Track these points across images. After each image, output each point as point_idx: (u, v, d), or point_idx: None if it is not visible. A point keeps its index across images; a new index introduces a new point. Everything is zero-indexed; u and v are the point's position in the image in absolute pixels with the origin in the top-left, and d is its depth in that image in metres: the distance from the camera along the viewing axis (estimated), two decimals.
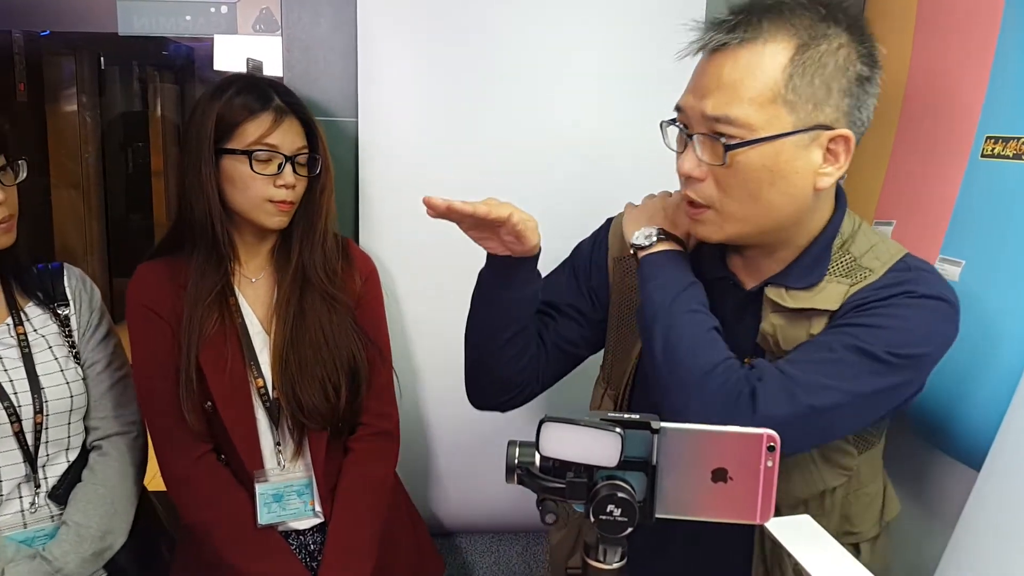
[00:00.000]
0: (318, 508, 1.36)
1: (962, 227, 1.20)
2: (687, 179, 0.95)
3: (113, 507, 1.29)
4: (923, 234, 1.26)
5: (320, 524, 1.37)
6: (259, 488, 1.31)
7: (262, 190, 1.26)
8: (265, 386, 1.32)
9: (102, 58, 5.14)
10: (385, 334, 1.43)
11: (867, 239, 1.00)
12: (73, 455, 1.31)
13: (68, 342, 1.31)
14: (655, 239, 1.03)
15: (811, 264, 0.98)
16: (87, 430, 1.34)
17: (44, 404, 1.25)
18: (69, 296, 1.33)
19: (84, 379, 1.31)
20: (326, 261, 1.34)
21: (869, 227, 1.02)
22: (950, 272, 1.19)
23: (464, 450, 1.66)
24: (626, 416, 0.71)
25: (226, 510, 1.30)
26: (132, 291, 1.31)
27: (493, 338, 1.10)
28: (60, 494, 1.28)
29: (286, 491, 1.34)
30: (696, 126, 0.92)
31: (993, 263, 1.14)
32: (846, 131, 0.90)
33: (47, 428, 1.26)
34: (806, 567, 0.81)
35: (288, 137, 1.26)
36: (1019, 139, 1.12)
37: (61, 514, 1.28)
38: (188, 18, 1.65)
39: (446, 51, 1.52)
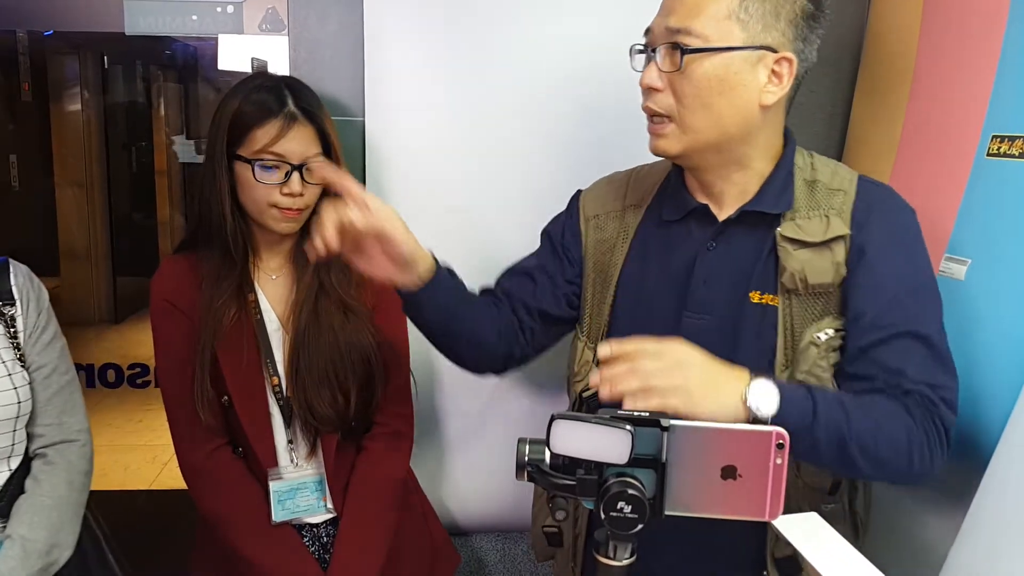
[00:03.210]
0: (330, 505, 1.37)
1: (968, 226, 1.20)
2: (648, 90, 1.04)
3: (60, 519, 1.22)
4: (929, 233, 1.25)
5: (333, 518, 1.38)
6: (273, 486, 1.32)
7: (268, 196, 1.25)
8: (279, 384, 1.32)
9: (105, 57, 5.15)
10: (404, 335, 1.42)
11: (826, 167, 1.10)
12: (15, 463, 1.24)
13: (14, 344, 1.22)
14: (768, 391, 0.90)
15: (780, 189, 1.06)
16: (30, 437, 1.26)
17: None
18: (16, 295, 1.23)
19: (30, 384, 1.23)
20: (343, 268, 1.32)
21: (820, 156, 1.12)
22: (956, 271, 1.19)
23: (479, 448, 1.67)
24: (636, 414, 0.72)
25: (239, 503, 1.31)
26: (155, 285, 1.33)
27: (444, 334, 1.17)
28: (3, 506, 1.20)
29: (299, 488, 1.35)
30: (659, 40, 1.02)
31: (999, 262, 1.15)
32: (790, 53, 1.00)
33: None
34: (813, 564, 0.82)
35: (296, 145, 1.24)
36: None
37: (2, 528, 1.20)
38: (194, 18, 1.66)
39: (453, 50, 1.52)
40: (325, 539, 1.38)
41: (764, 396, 0.89)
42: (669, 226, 1.13)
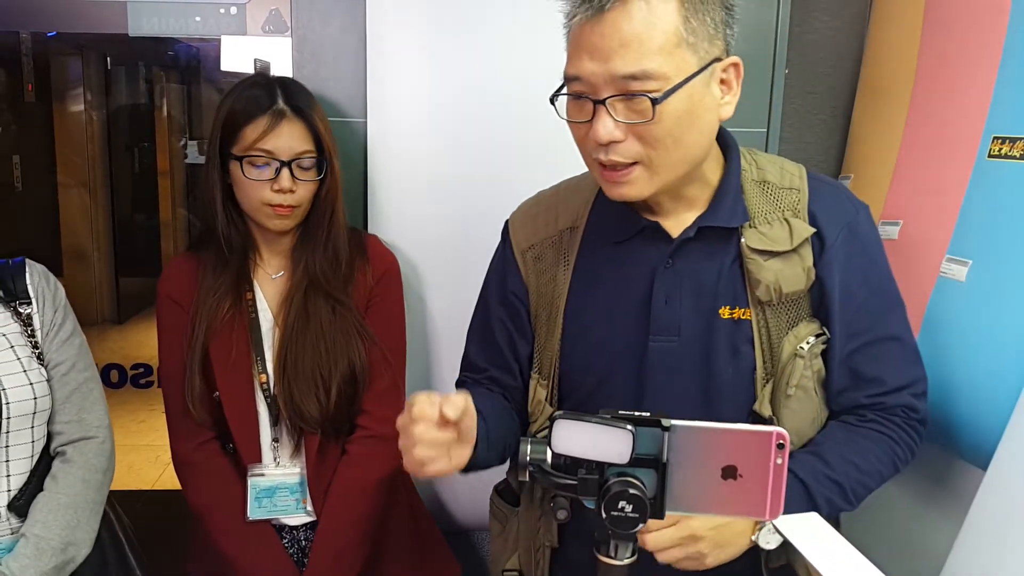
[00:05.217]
0: (310, 507, 1.36)
1: (969, 227, 1.20)
2: (607, 145, 0.93)
3: (76, 517, 1.22)
4: (930, 234, 1.27)
5: (313, 522, 1.38)
6: (251, 482, 1.33)
7: (259, 194, 1.25)
8: (267, 382, 1.33)
9: (109, 58, 5.16)
10: (399, 335, 1.41)
11: (772, 164, 1.05)
12: (35, 461, 1.25)
13: (31, 342, 1.24)
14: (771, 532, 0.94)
15: (733, 199, 1.01)
16: (50, 435, 1.27)
17: (6, 406, 1.18)
18: (31, 294, 1.26)
19: (48, 380, 1.25)
20: (332, 262, 1.33)
21: (760, 152, 1.07)
22: (957, 272, 1.19)
23: None
24: (637, 414, 0.72)
25: (221, 498, 1.33)
26: (161, 282, 1.36)
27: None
28: (21, 505, 1.21)
29: (279, 488, 1.35)
30: (604, 90, 0.91)
31: (1000, 263, 1.15)
32: (735, 58, 0.95)
33: (9, 432, 1.19)
34: (814, 564, 0.82)
35: (286, 141, 1.25)
36: None
37: (22, 527, 1.21)
38: (197, 19, 1.66)
39: (454, 52, 1.53)
40: (304, 542, 1.38)
41: (771, 533, 0.92)
42: (615, 247, 1.05)
